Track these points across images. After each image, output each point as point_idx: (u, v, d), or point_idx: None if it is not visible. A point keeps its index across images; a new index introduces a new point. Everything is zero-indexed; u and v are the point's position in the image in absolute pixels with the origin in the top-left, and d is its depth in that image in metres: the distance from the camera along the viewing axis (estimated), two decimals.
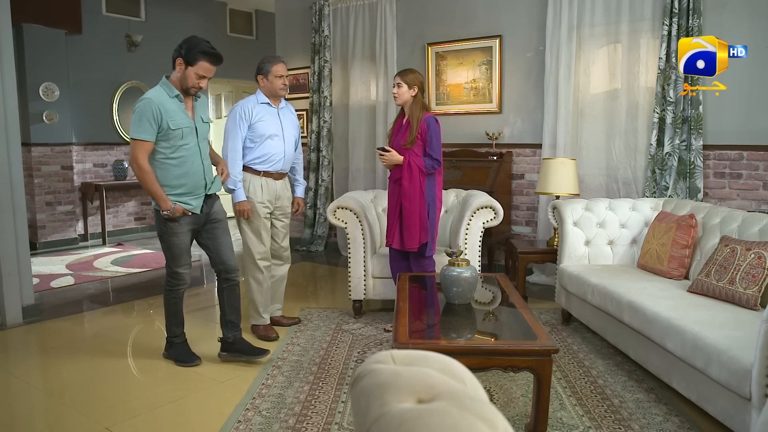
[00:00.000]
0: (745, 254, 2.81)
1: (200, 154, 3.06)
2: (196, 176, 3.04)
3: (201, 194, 3.08)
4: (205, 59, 2.92)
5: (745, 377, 2.08)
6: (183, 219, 3.04)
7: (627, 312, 2.96)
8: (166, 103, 2.92)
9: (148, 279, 5.41)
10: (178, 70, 2.95)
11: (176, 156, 2.97)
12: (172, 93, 2.96)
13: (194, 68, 2.91)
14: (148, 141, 2.90)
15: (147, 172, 2.91)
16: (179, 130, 2.94)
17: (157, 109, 2.87)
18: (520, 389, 2.87)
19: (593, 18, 4.69)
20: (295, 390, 2.91)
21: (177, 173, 2.99)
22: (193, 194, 3.05)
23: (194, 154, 3.03)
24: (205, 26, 8.43)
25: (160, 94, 2.94)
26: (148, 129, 2.88)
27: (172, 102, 2.95)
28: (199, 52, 2.89)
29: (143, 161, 2.91)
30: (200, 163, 3.07)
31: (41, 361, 3.57)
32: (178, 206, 2.98)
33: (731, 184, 4.25)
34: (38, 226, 6.73)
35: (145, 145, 2.90)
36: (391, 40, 5.80)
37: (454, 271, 2.75)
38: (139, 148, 2.90)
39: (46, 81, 6.68)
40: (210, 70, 2.96)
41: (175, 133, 2.93)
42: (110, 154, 7.60)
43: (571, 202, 3.96)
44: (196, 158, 3.04)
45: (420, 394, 0.87)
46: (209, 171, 3.15)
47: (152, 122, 2.87)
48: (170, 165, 2.97)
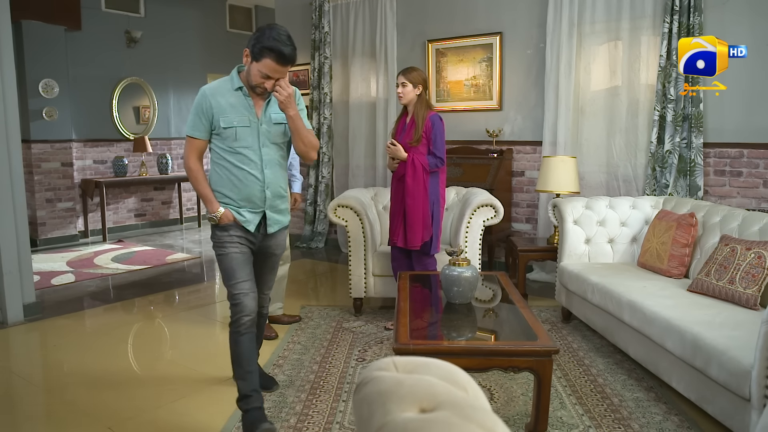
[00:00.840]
0: (745, 254, 2.81)
1: (261, 162, 2.49)
2: (253, 188, 2.50)
3: (258, 211, 2.54)
4: (271, 57, 2.34)
5: (745, 378, 2.09)
6: (234, 230, 2.53)
7: (627, 311, 2.96)
8: (224, 97, 2.47)
9: (149, 276, 5.41)
10: (246, 64, 2.46)
11: (231, 159, 2.49)
12: (236, 85, 2.48)
13: (258, 65, 2.37)
14: (199, 138, 2.51)
15: (193, 171, 2.53)
16: (232, 130, 2.46)
17: (208, 104, 2.46)
18: (520, 388, 2.88)
19: (594, 15, 4.68)
20: (296, 389, 2.92)
21: (232, 179, 2.50)
22: (249, 207, 2.53)
23: (254, 160, 2.49)
24: (204, 22, 8.42)
25: (219, 87, 2.51)
26: (199, 125, 2.49)
27: (233, 96, 2.47)
28: (264, 48, 2.33)
29: (192, 159, 2.53)
30: (260, 172, 2.50)
31: (42, 359, 3.58)
32: (227, 211, 2.50)
33: (731, 181, 4.25)
34: (38, 223, 6.74)
35: (194, 142, 2.52)
36: (392, 36, 5.79)
37: (455, 270, 2.75)
38: (189, 145, 2.54)
39: (46, 77, 6.67)
40: (276, 70, 2.36)
41: (228, 132, 2.46)
42: (110, 151, 7.59)
43: (571, 201, 3.97)
44: (256, 166, 2.49)
45: (422, 403, 0.87)
46: (275, 185, 2.55)
47: (203, 117, 2.48)
48: (225, 168, 2.52)
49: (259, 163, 2.50)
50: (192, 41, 8.30)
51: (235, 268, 2.52)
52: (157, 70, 7.94)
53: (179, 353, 3.56)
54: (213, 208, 2.51)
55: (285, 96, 2.38)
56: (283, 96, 2.38)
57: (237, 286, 2.51)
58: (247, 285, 2.52)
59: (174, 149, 8.29)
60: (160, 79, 8.00)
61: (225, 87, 2.50)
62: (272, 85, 2.40)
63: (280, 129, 2.54)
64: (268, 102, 2.51)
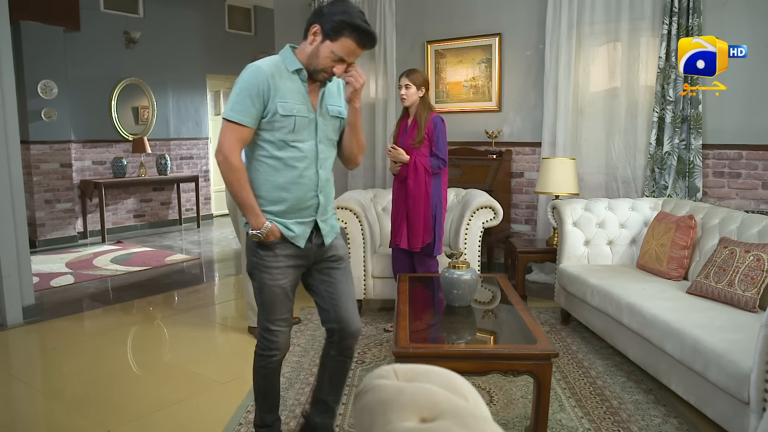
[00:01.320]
0: (744, 256, 2.81)
1: (317, 160, 2.09)
2: (304, 191, 2.08)
3: (309, 220, 2.12)
4: (353, 36, 1.96)
5: (744, 381, 2.09)
6: (281, 248, 2.10)
7: (626, 313, 2.97)
8: (281, 79, 2.01)
9: (148, 277, 5.41)
10: (311, 42, 2.01)
11: (282, 156, 2.03)
12: (293, 66, 2.03)
13: (333, 45, 1.96)
14: (246, 126, 1.99)
15: (237, 170, 2.01)
16: (291, 119, 2.01)
17: (266, 84, 1.97)
18: (519, 390, 2.88)
19: (593, 16, 4.68)
20: (295, 391, 2.92)
21: (278, 182, 2.05)
22: (298, 217, 2.09)
23: (309, 158, 2.06)
24: (203, 22, 8.42)
25: (274, 64, 2.03)
26: (249, 108, 1.97)
27: (290, 78, 2.03)
28: (347, 25, 1.94)
29: (235, 154, 2.00)
30: (315, 173, 2.08)
31: (42, 361, 3.58)
32: (273, 226, 2.05)
33: (730, 183, 4.25)
34: (37, 224, 6.73)
35: (240, 130, 1.99)
36: (391, 37, 5.78)
37: (455, 273, 2.75)
38: (231, 133, 1.99)
39: (45, 78, 6.66)
40: (354, 53, 1.99)
41: (285, 122, 2.00)
42: (109, 152, 7.59)
43: (570, 202, 3.97)
44: (311, 165, 2.07)
45: (423, 413, 0.87)
46: (328, 189, 2.16)
47: (255, 99, 1.97)
48: (271, 167, 2.05)
49: (315, 162, 2.08)
50: (191, 42, 8.30)
51: (276, 304, 2.14)
52: (156, 71, 7.94)
53: (179, 355, 3.56)
54: (258, 221, 2.04)
55: (361, 83, 2.04)
56: (359, 83, 2.03)
57: (276, 323, 2.15)
58: (286, 322, 2.19)
59: (173, 150, 8.29)
60: (159, 80, 7.99)
61: (280, 66, 2.04)
62: (342, 71, 2.02)
63: (336, 124, 2.15)
64: (323, 91, 2.11)
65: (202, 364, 3.34)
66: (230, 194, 2.08)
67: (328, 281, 2.22)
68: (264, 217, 2.05)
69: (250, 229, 2.05)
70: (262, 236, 2.04)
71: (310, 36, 2.01)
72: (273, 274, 2.10)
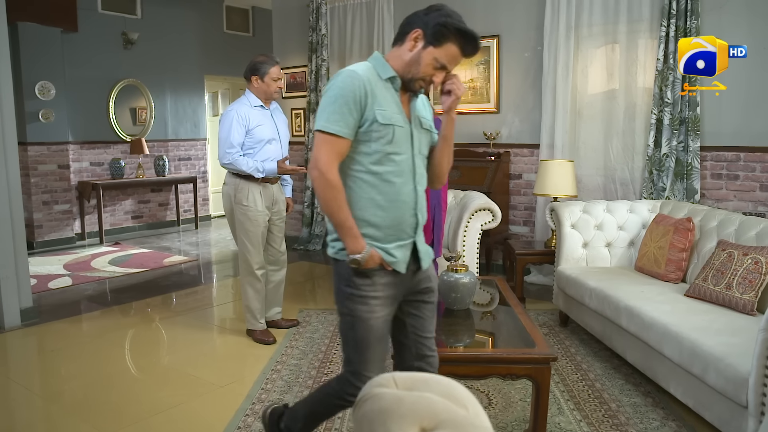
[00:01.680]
0: (742, 259, 2.82)
1: (414, 175, 1.89)
2: (404, 210, 1.87)
3: (408, 242, 1.91)
4: (457, 43, 1.81)
5: (742, 385, 2.10)
6: (379, 275, 1.86)
7: (625, 316, 2.97)
8: (377, 87, 1.83)
9: (146, 279, 5.40)
10: (410, 48, 1.84)
11: (379, 171, 1.83)
12: (387, 73, 1.86)
13: (437, 51, 1.81)
14: (344, 138, 1.78)
15: (335, 187, 1.78)
16: (390, 128, 1.82)
17: (363, 91, 1.78)
18: (518, 393, 2.89)
19: (591, 18, 4.68)
20: (294, 395, 2.92)
21: (376, 199, 1.84)
22: (398, 240, 1.88)
23: (406, 172, 1.87)
24: (201, 23, 8.41)
25: (368, 70, 1.85)
26: (346, 118, 1.77)
27: (384, 86, 1.85)
28: (454, 30, 1.80)
29: (331, 169, 1.78)
30: (413, 189, 1.89)
31: (40, 365, 3.57)
32: (374, 251, 1.82)
33: (728, 185, 4.26)
34: (35, 226, 6.71)
35: (337, 143, 1.78)
36: (389, 39, 5.78)
37: (453, 276, 2.75)
38: (328, 146, 1.78)
39: (42, 79, 6.65)
40: (456, 59, 1.85)
41: (383, 132, 1.81)
42: (107, 153, 7.58)
43: (569, 205, 3.98)
44: (408, 181, 1.87)
45: (423, 422, 0.87)
46: (423, 208, 1.94)
47: (353, 107, 1.77)
48: (367, 184, 1.84)
49: (412, 177, 1.88)
50: (189, 42, 8.29)
51: (373, 343, 1.86)
52: (154, 72, 7.92)
53: (177, 358, 3.55)
54: (359, 245, 1.80)
55: (462, 92, 1.90)
56: (460, 91, 1.89)
57: (368, 367, 1.86)
58: (380, 366, 1.90)
59: (171, 151, 8.28)
60: (157, 81, 7.98)
61: (373, 73, 1.85)
62: (441, 79, 1.87)
63: (428, 137, 1.98)
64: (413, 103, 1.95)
65: (201, 366, 3.33)
66: (326, 215, 1.83)
67: (416, 316, 1.99)
68: (364, 241, 1.82)
69: (347, 254, 1.82)
70: (362, 262, 1.80)
71: (410, 42, 1.84)
72: (371, 305, 1.85)
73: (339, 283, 1.90)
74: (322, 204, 1.81)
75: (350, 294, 1.86)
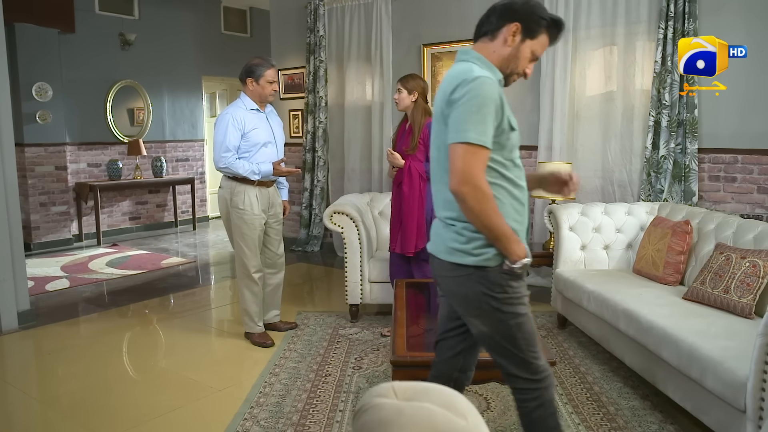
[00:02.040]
0: (739, 262, 2.82)
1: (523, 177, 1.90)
2: (527, 214, 1.89)
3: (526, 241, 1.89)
4: (550, 31, 1.82)
5: (740, 390, 2.10)
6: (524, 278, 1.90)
7: (623, 319, 2.97)
8: None
9: (144, 281, 5.39)
10: (510, 44, 1.79)
11: (511, 176, 1.81)
12: (497, 74, 1.81)
13: (533, 43, 1.80)
14: (488, 148, 1.72)
15: (490, 198, 1.71)
16: (516, 133, 1.81)
17: (498, 95, 1.72)
18: None
19: (589, 20, 4.69)
20: (292, 398, 2.92)
21: (515, 206, 1.82)
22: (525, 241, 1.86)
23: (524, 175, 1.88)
24: (199, 24, 8.40)
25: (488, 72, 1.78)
26: (489, 128, 1.70)
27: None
28: (548, 20, 1.79)
29: (483, 181, 1.70)
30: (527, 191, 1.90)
31: (37, 368, 3.56)
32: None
33: (726, 187, 4.26)
34: (32, 227, 6.69)
35: (484, 154, 1.71)
36: (387, 40, 5.78)
37: None
38: (475, 159, 1.69)
39: (39, 81, 6.63)
40: (545, 48, 1.85)
41: (513, 136, 1.79)
42: (104, 154, 7.56)
43: (566, 207, 3.98)
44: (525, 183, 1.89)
45: None
46: None
47: (495, 115, 1.71)
48: (506, 191, 1.80)
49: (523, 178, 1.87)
50: (186, 43, 8.28)
51: (535, 333, 1.88)
52: (152, 73, 7.91)
53: (175, 361, 3.55)
54: (521, 250, 1.75)
55: None
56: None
57: (539, 356, 1.86)
58: None
59: (168, 152, 8.26)
60: (154, 82, 7.97)
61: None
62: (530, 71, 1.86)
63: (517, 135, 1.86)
64: None
65: (199, 370, 3.33)
66: (483, 227, 1.72)
67: None
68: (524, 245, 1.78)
69: (509, 261, 1.74)
70: (521, 269, 1.76)
71: (508, 37, 1.78)
72: (527, 303, 1.86)
73: (490, 290, 1.79)
74: (480, 217, 1.70)
75: (507, 299, 1.79)
